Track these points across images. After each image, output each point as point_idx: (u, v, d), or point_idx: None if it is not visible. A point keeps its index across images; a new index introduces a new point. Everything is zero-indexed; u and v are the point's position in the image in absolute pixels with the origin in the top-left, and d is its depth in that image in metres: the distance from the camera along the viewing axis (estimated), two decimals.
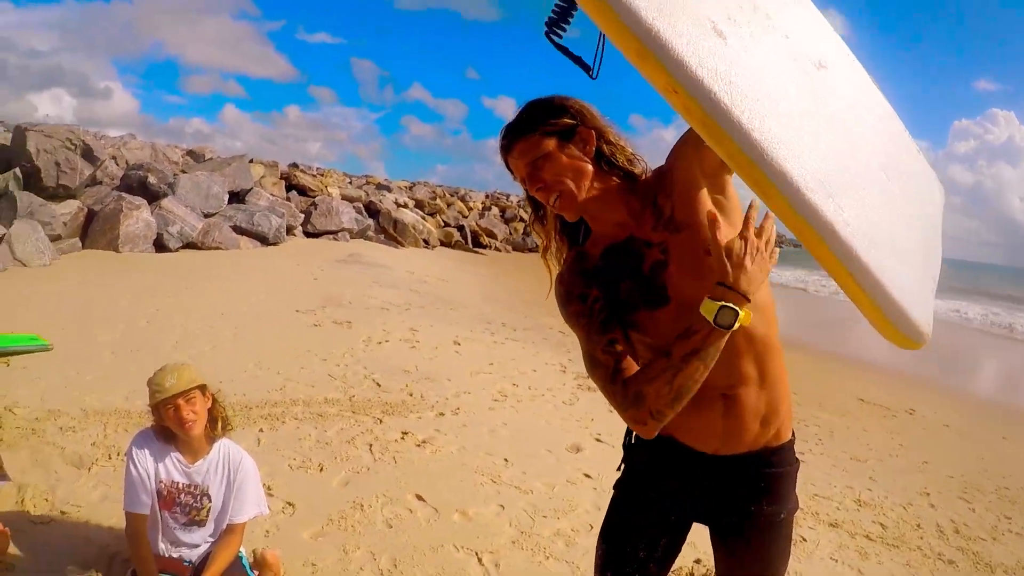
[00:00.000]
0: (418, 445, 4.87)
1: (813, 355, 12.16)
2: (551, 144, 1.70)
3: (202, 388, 2.79)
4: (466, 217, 29.34)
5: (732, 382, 1.72)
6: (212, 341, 6.94)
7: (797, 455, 1.92)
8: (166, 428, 2.79)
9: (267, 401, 5.35)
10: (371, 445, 4.74)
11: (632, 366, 1.67)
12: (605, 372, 1.67)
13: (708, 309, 1.48)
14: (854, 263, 1.25)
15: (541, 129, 1.71)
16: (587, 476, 4.78)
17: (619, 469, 2.02)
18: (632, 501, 1.97)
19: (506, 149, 1.78)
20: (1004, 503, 5.73)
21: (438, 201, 28.99)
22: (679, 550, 1.98)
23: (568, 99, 1.76)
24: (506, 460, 4.85)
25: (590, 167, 1.72)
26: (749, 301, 1.49)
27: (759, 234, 1.52)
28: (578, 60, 1.44)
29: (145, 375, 5.06)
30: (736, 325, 1.48)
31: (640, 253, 1.74)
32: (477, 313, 11.17)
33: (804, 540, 4.37)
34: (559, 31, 1.45)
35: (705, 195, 1.68)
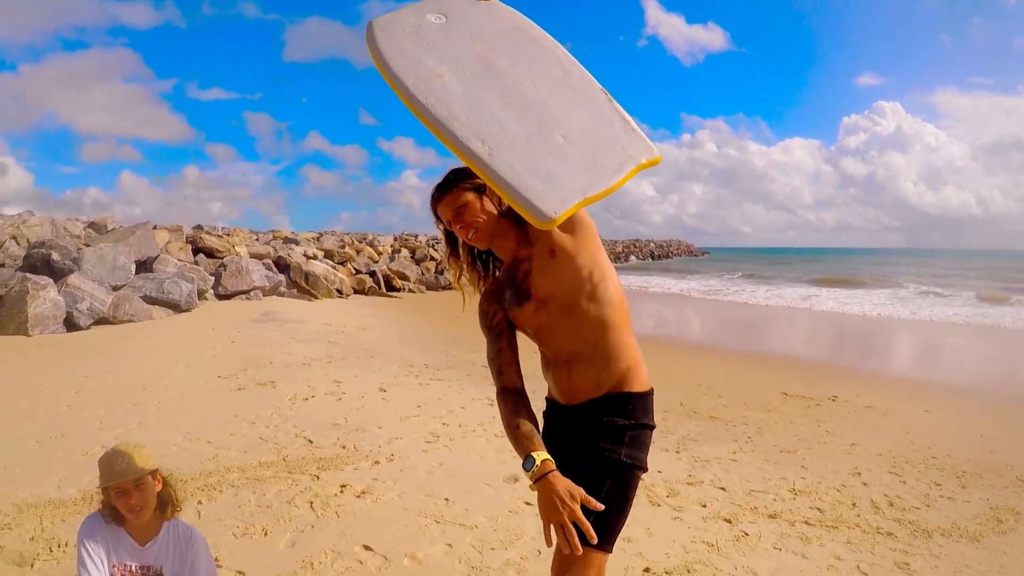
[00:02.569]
0: (358, 496, 4.85)
1: (733, 357, 12.48)
2: (469, 196, 2.36)
3: (153, 473, 2.75)
4: (376, 262, 29.08)
5: (570, 354, 2.35)
6: (137, 418, 6.80)
7: (729, 457, 2.32)
8: (115, 509, 2.74)
9: (201, 472, 5.26)
10: (312, 502, 4.71)
11: (509, 367, 2.37)
12: (492, 370, 2.38)
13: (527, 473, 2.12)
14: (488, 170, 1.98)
15: (461, 186, 2.38)
16: (528, 504, 4.83)
17: None
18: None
19: (437, 200, 2.43)
20: (933, 471, 5.95)
21: (347, 249, 28.75)
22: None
23: None
24: (447, 500, 4.87)
25: (495, 212, 2.39)
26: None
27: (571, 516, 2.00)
28: None
29: (73, 461, 4.95)
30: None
31: (518, 268, 2.40)
32: (399, 357, 11.13)
33: (746, 535, 4.49)
34: None
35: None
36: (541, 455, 2.09)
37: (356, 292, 24.70)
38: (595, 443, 2.30)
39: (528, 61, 2.30)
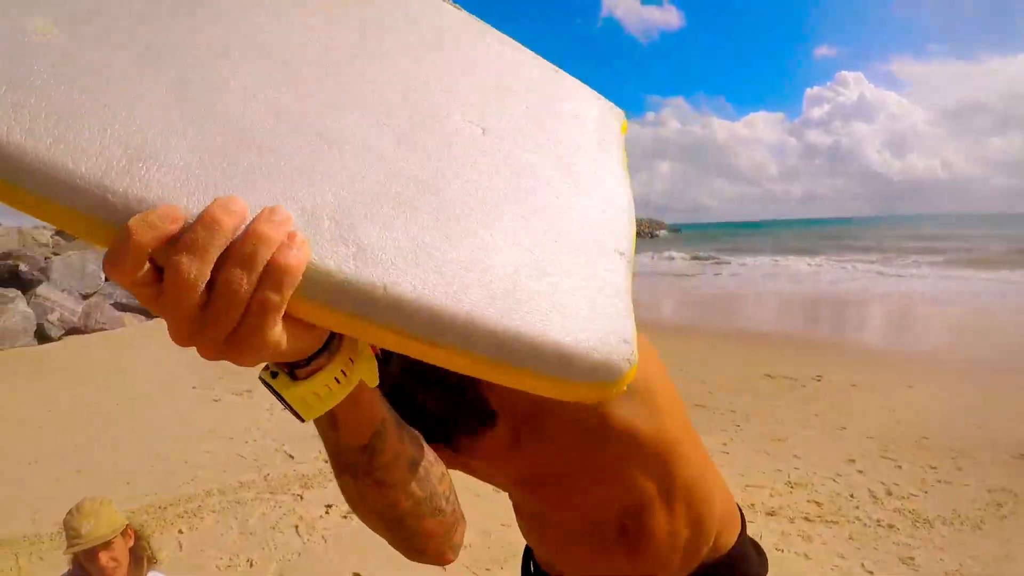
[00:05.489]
0: (344, 517, 4.68)
1: (712, 337, 12.33)
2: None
3: (124, 531, 2.59)
4: None
5: (628, 505, 1.21)
6: (112, 438, 6.60)
7: (721, 449, 1.53)
8: (86, 570, 2.59)
9: (180, 497, 5.09)
10: (297, 526, 4.56)
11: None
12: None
13: None
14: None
15: None
16: None
17: None
18: None
19: None
20: (926, 453, 5.86)
21: None
22: None
23: None
24: None
25: None
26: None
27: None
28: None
29: (47, 491, 4.79)
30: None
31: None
32: None
33: None
34: None
35: None
36: None
37: None
38: None
39: None
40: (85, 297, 14.40)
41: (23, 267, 13.83)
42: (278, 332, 0.54)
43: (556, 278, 0.72)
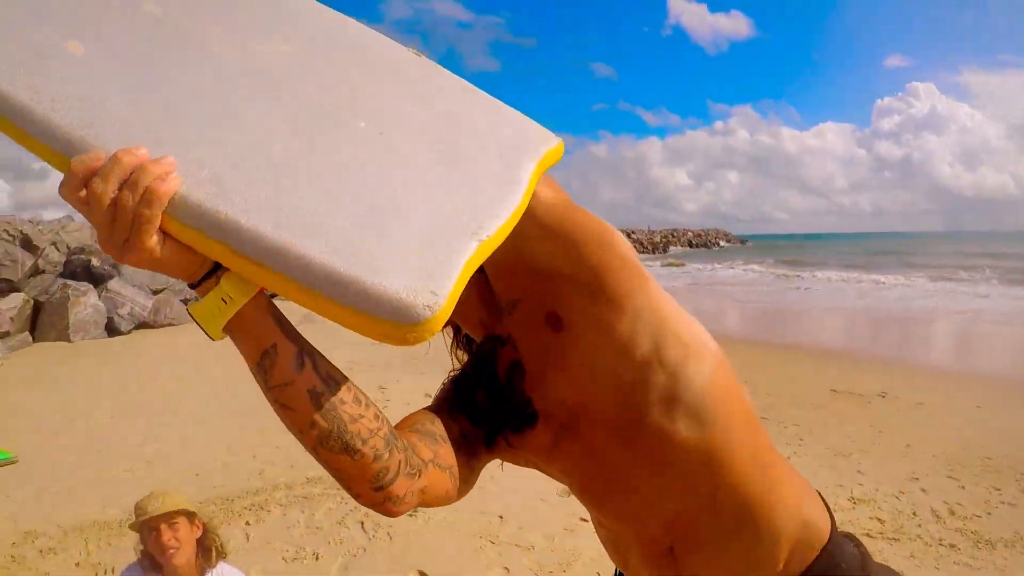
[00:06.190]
0: (410, 515, 4.75)
1: (777, 350, 12.21)
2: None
3: (189, 515, 2.65)
4: None
5: (672, 516, 1.19)
6: (179, 430, 6.79)
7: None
8: (154, 558, 2.65)
9: (247, 490, 5.23)
10: (362, 523, 4.65)
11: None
12: None
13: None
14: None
15: None
16: (583, 520, 4.71)
17: None
18: None
19: None
20: (991, 474, 5.79)
21: None
22: None
23: None
24: (501, 517, 4.79)
25: None
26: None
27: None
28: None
29: (116, 478, 4.93)
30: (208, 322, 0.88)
31: (494, 353, 1.24)
32: (447, 357, 10.92)
33: None
34: None
35: (532, 256, 1.15)
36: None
37: None
38: None
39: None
40: (155, 293, 14.72)
41: (95, 262, 14.22)
42: (153, 241, 0.78)
43: (391, 236, 0.88)
